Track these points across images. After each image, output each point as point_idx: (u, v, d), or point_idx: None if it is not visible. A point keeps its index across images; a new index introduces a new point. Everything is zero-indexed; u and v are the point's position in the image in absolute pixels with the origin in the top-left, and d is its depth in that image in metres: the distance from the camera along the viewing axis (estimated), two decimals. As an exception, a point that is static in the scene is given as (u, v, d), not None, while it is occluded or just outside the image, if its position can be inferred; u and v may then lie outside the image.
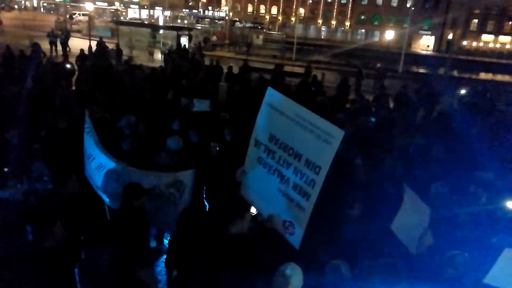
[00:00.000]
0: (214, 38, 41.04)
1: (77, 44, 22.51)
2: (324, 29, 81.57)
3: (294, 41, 36.85)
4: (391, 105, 12.57)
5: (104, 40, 21.98)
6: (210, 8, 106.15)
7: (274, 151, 3.81)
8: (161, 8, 76.49)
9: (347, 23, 79.79)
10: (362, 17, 78.23)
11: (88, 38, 26.19)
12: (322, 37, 78.39)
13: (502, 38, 70.43)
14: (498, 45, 70.49)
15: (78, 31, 38.45)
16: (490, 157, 6.23)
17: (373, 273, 3.26)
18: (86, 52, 18.20)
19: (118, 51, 20.31)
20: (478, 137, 7.32)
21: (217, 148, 5.71)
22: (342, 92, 14.35)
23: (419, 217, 3.72)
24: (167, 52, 22.16)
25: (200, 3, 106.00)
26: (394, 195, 4.20)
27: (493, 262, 3.26)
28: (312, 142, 3.49)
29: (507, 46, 69.82)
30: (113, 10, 75.46)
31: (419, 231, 3.69)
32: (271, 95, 3.90)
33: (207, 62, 19.48)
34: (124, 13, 79.97)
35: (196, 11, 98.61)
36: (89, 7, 33.76)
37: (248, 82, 13.07)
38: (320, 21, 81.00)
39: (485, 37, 71.27)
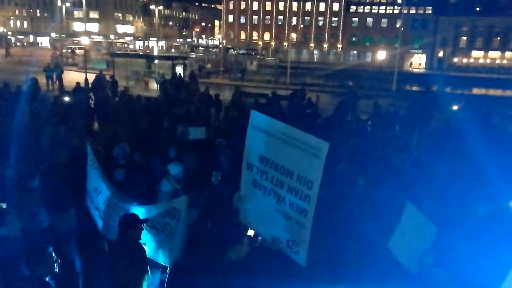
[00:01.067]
0: (209, 65, 41.62)
1: (74, 77, 22.73)
2: (316, 52, 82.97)
3: (287, 65, 37.41)
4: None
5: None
6: (203, 36, 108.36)
7: (266, 171, 3.83)
8: (155, 39, 77.87)
9: (339, 45, 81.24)
10: (354, 39, 79.73)
11: (84, 71, 26.52)
12: (315, 60, 79.61)
13: (491, 54, 71.76)
14: (488, 61, 71.74)
15: (75, 64, 38.97)
16: (489, 170, 6.26)
17: None
18: (82, 84, 18.42)
19: (114, 82, 20.51)
20: (477, 151, 7.37)
21: (219, 177, 5.66)
22: (339, 113, 14.47)
23: (421, 235, 3.65)
24: (162, 81, 22.38)
25: (193, 33, 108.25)
26: (393, 213, 4.18)
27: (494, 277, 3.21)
28: (300, 157, 3.55)
29: (497, 61, 71.07)
30: (121, 43, 75.90)
31: (420, 250, 3.63)
32: (255, 117, 3.96)
33: (202, 89, 19.66)
34: (131, 45, 79.89)
35: (190, 40, 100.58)
36: (85, 41, 34.32)
37: (242, 107, 13.19)
38: (312, 44, 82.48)
39: (475, 53, 72.61)
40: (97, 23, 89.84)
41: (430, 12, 71.90)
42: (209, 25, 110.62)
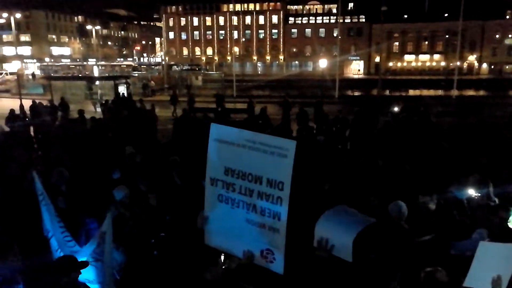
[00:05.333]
0: (153, 83, 40.89)
1: (7, 104, 21.25)
2: (259, 64, 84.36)
3: (233, 78, 37.62)
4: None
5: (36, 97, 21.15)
6: (145, 55, 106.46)
7: (233, 183, 3.71)
8: (94, 60, 75.29)
9: (281, 57, 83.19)
10: (294, 49, 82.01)
11: (18, 97, 24.96)
12: (259, 72, 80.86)
13: (421, 57, 76.91)
14: (419, 64, 76.80)
15: (7, 91, 36.65)
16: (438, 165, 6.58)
17: None
18: (18, 112, 17.30)
19: (52, 107, 19.49)
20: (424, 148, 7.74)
21: (155, 199, 5.45)
22: (286, 122, 14.84)
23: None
24: (103, 102, 21.61)
25: (134, 51, 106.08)
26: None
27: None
28: (267, 161, 3.47)
29: (427, 64, 76.27)
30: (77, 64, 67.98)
31: (352, 237, 3.53)
32: (216, 129, 3.85)
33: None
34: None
35: (131, 59, 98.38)
36: (16, 65, 32.40)
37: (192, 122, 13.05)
38: (255, 57, 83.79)
39: (407, 57, 77.48)
40: (29, 46, 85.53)
41: (364, 20, 75.78)
42: (150, 42, 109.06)
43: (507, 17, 70.70)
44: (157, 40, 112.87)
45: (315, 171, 6.37)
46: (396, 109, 16.39)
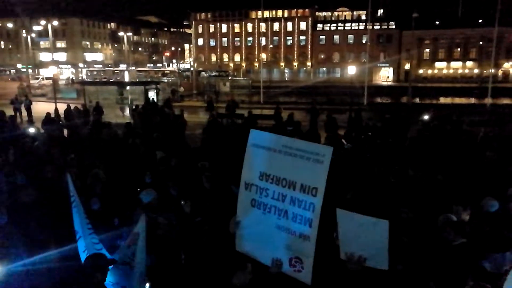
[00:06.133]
0: (182, 89, 41.55)
1: (43, 108, 22.10)
2: (287, 71, 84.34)
3: (260, 85, 37.78)
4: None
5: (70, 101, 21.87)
6: (174, 61, 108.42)
7: (266, 188, 3.73)
8: (125, 65, 77.21)
9: (308, 63, 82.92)
10: (322, 56, 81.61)
11: (53, 101, 25.92)
12: (286, 78, 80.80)
13: (453, 64, 74.94)
14: (451, 71, 74.85)
15: (43, 95, 38.09)
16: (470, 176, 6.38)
17: None
18: (53, 115, 17.92)
19: (85, 111, 20.09)
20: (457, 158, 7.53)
21: (189, 206, 5.49)
22: (313, 128, 14.77)
23: (368, 231, 3.37)
24: (134, 107, 22.07)
25: (164, 57, 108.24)
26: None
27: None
28: (303, 166, 3.50)
29: (459, 71, 74.22)
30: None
31: (383, 244, 3.36)
32: (254, 135, 3.91)
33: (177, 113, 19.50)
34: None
35: (160, 65, 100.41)
36: (52, 70, 33.65)
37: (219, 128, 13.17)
38: (282, 63, 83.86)
39: (438, 64, 75.69)
40: (65, 52, 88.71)
41: (394, 27, 74.66)
42: (179, 49, 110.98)
43: (546, 23, 68.00)
44: (186, 46, 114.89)
45: (339, 179, 6.31)
46: (427, 117, 16.01)
